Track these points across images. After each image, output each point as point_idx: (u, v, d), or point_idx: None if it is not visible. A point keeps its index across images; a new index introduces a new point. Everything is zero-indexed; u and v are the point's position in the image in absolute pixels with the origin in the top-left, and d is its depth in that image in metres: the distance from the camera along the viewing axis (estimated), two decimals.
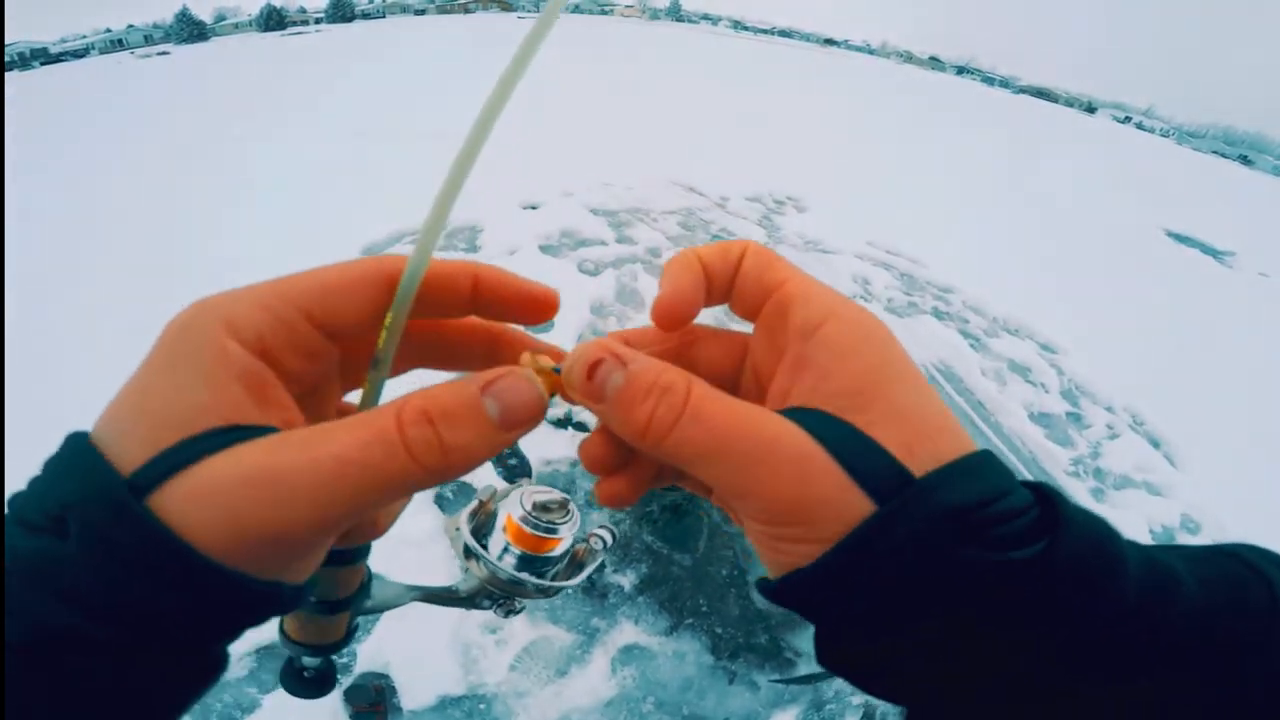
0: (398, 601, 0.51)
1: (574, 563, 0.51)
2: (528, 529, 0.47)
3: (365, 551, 0.44)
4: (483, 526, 0.50)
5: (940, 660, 0.22)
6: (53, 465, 0.21)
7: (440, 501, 3.17)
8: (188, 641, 0.21)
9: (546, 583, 0.48)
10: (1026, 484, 0.24)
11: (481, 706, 2.52)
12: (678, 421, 0.23)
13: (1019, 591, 0.21)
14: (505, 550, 0.48)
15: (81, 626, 0.18)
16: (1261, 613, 0.22)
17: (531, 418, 0.23)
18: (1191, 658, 0.21)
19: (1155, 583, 0.22)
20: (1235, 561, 0.24)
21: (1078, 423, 5.26)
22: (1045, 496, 0.23)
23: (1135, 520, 4.22)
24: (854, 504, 0.22)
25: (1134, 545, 0.23)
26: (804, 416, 0.23)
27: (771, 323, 0.28)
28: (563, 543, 0.48)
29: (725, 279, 0.28)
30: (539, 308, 0.29)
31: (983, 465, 0.23)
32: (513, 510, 0.48)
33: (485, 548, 0.49)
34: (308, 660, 0.49)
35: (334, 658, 0.50)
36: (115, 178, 8.16)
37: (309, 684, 0.51)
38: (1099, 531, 0.22)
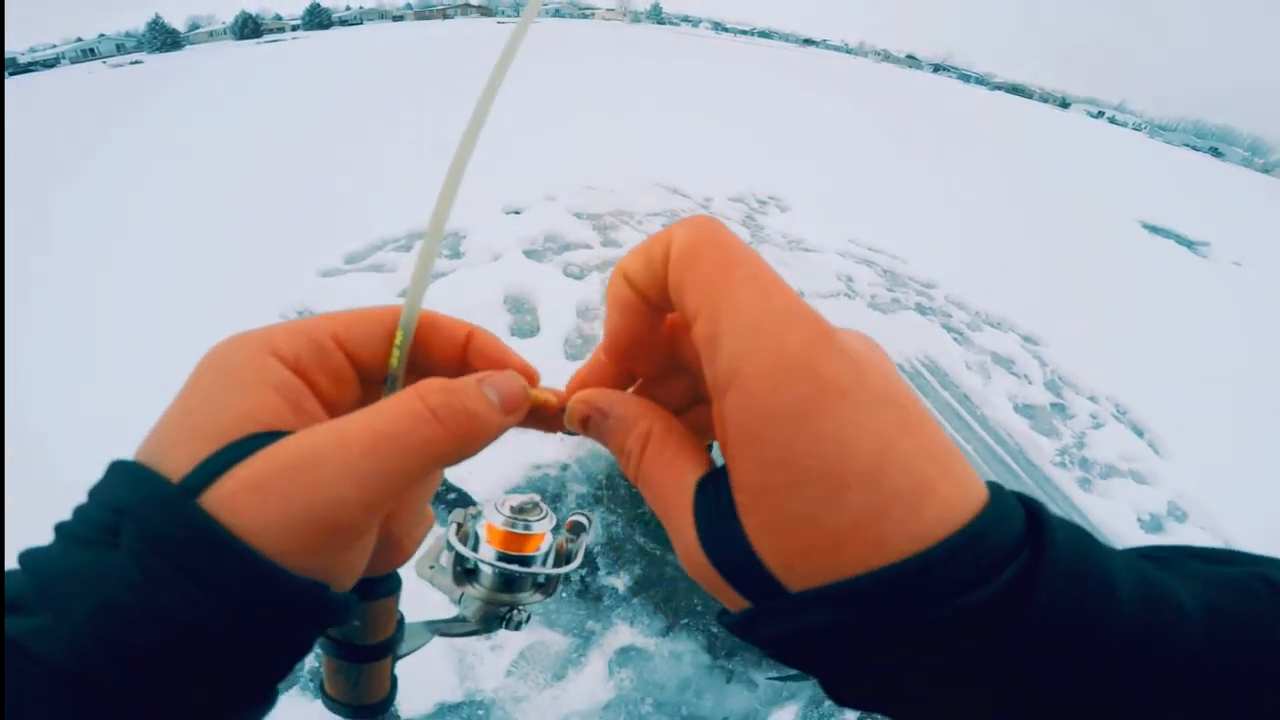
0: (422, 643, 0.50)
1: (560, 555, 0.52)
2: (512, 530, 0.48)
3: (397, 583, 0.41)
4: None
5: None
6: (99, 488, 0.21)
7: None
8: (235, 654, 0.20)
9: (545, 569, 0.49)
10: (1022, 500, 0.21)
11: (480, 713, 2.50)
12: (635, 480, 0.26)
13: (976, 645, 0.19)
14: (495, 559, 0.48)
15: (121, 643, 0.18)
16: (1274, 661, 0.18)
17: (521, 404, 0.26)
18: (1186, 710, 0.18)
19: (1149, 631, 0.18)
20: (1265, 586, 0.20)
21: (1062, 413, 5.33)
22: (1034, 521, 0.20)
23: (1123, 510, 4.29)
24: (736, 600, 0.23)
25: (1134, 572, 0.19)
26: (708, 505, 0.23)
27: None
28: (546, 536, 0.49)
29: (661, 290, 0.24)
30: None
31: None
32: (492, 519, 0.49)
33: (475, 566, 0.50)
34: None
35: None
36: (87, 189, 8.01)
37: None
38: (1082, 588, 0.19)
